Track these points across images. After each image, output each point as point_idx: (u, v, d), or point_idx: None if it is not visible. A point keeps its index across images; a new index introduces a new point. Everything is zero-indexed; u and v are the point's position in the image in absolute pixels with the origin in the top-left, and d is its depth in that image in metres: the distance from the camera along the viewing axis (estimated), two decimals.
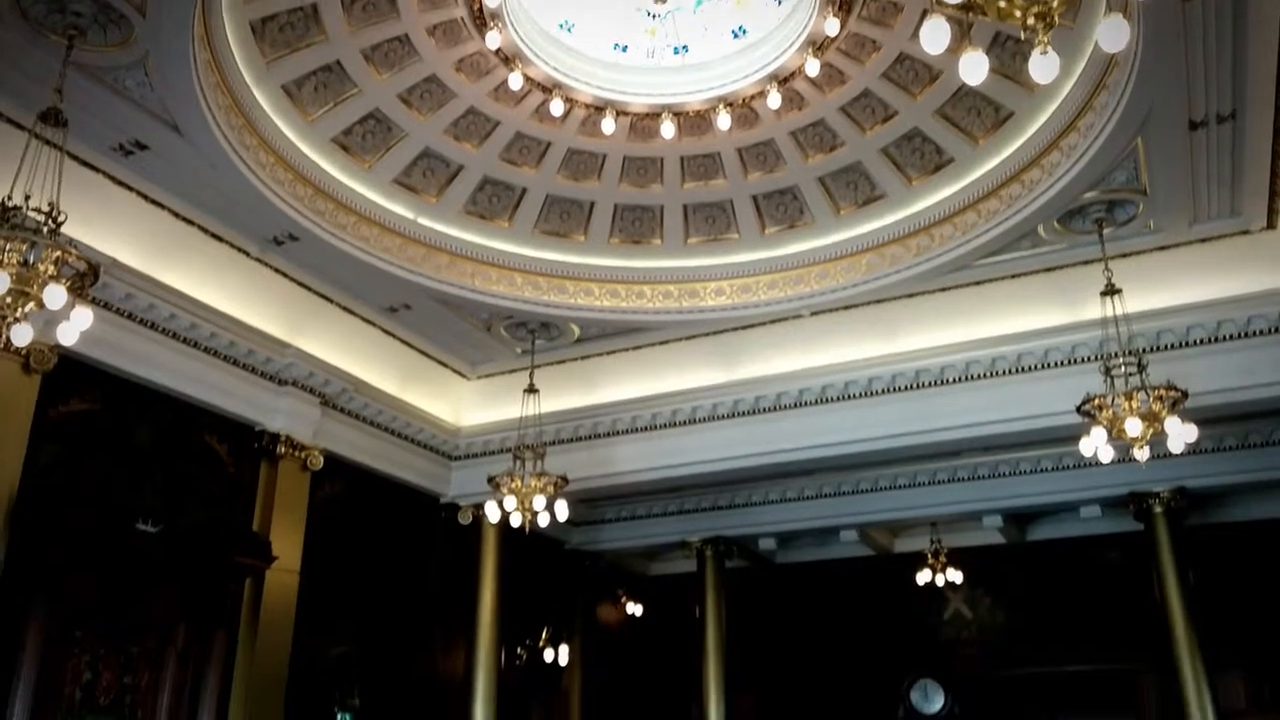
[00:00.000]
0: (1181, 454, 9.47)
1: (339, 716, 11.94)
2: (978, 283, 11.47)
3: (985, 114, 10.09)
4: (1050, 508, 15.28)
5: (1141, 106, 8.58)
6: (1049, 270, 11.17)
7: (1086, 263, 10.65)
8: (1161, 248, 10.64)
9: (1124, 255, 10.50)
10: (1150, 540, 13.54)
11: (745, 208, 11.70)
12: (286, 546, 11.20)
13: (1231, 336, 10.39)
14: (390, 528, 13.67)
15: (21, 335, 6.93)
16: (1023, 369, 11.27)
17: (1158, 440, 8.85)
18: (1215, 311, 10.38)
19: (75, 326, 7.25)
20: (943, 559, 15.55)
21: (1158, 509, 13.46)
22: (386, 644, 13.03)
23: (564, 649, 15.94)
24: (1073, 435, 9.49)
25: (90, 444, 9.67)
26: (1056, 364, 11.08)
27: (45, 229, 6.84)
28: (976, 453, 13.99)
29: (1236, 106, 8.44)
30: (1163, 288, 10.55)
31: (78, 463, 9.54)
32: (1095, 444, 8.91)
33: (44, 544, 8.61)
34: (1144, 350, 9.70)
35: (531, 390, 12.06)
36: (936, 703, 14.57)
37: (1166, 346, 10.48)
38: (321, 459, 11.99)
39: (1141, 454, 8.88)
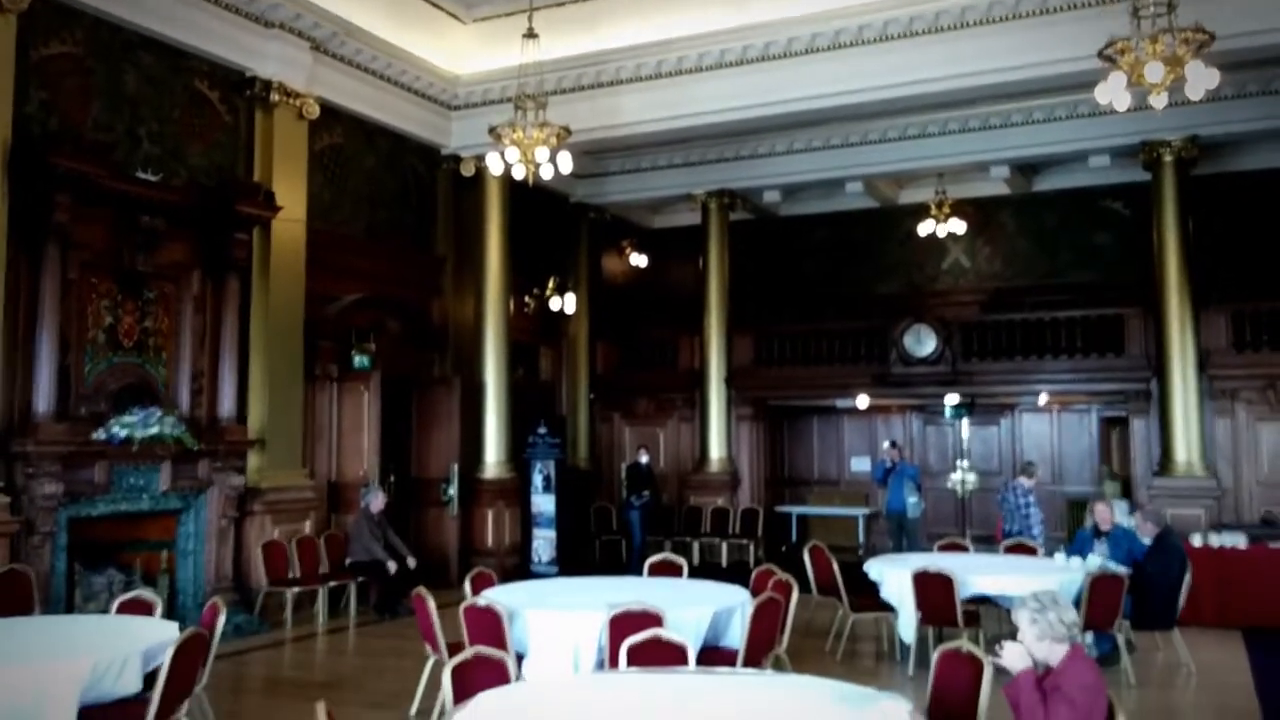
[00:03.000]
0: (1199, 101, 9.23)
1: (356, 360, 12.48)
2: None
3: None
4: (1059, 157, 15.19)
5: None
6: None
7: None
8: None
9: None
10: (1156, 189, 13.62)
11: None
12: (290, 196, 11.20)
13: None
14: (393, 180, 13.64)
15: None
16: (1046, 10, 10.76)
17: (1176, 86, 8.56)
18: None
19: None
20: (946, 210, 15.61)
21: (1168, 158, 13.45)
22: (397, 293, 13.38)
23: (570, 298, 16.41)
24: (1089, 82, 9.16)
25: (78, 89, 9.45)
26: (1079, 5, 10.56)
27: None
28: (989, 101, 13.67)
29: None
30: None
31: (69, 110, 9.36)
32: (1112, 91, 8.61)
33: (48, 191, 8.60)
34: None
35: (531, 35, 11.53)
36: (928, 346, 15.09)
37: None
38: (317, 108, 11.74)
39: (1159, 101, 8.61)
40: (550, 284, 16.29)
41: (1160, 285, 13.45)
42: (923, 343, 15.20)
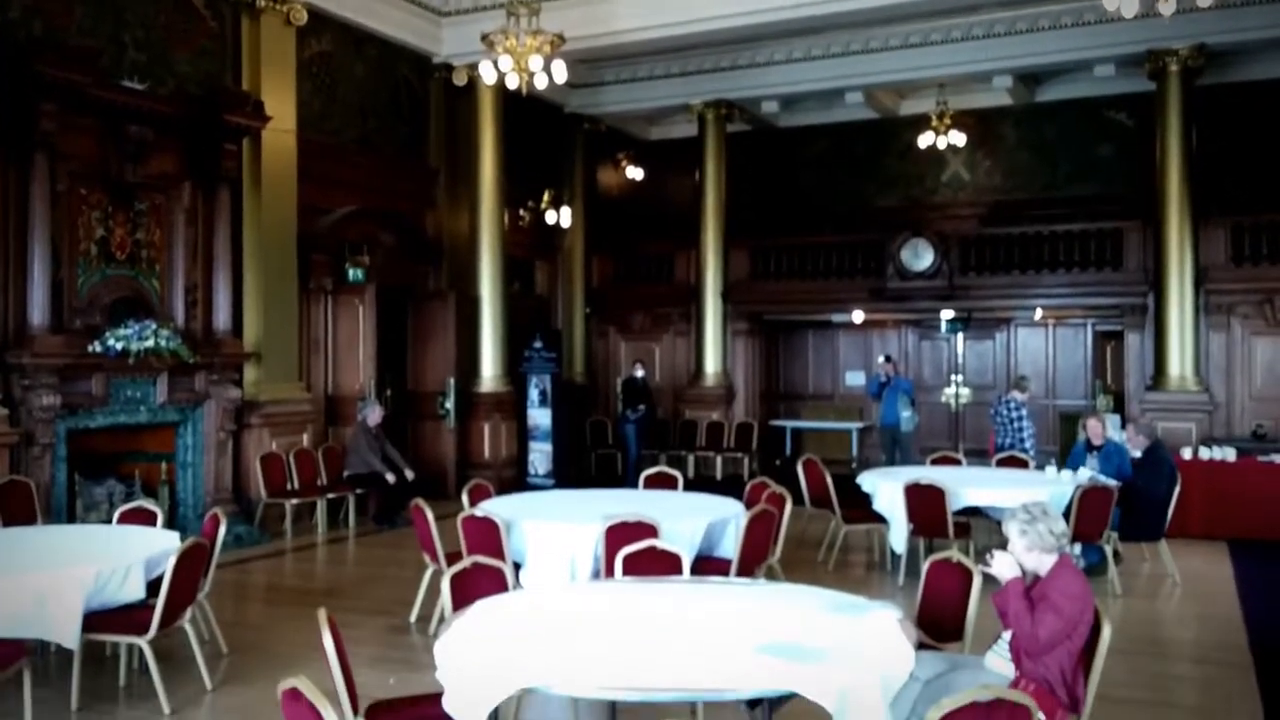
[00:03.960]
0: (1207, 7, 9.08)
1: (350, 273, 12.42)
2: None
3: None
4: (1063, 66, 14.93)
5: None
6: None
7: None
8: None
9: None
10: (1160, 100, 13.47)
11: None
12: (279, 106, 11.03)
13: None
14: (384, 89, 13.43)
15: None
16: None
17: None
18: None
19: None
20: (947, 121, 15.40)
21: (1174, 67, 13.26)
22: (391, 206, 13.27)
23: (565, 211, 16.29)
24: None
25: None
26: None
27: None
28: (992, 8, 13.43)
29: None
30: None
31: (53, 15, 9.16)
32: None
33: (34, 100, 8.45)
34: None
35: None
36: (925, 260, 15.04)
37: None
38: (305, 13, 11.48)
39: (1167, 7, 8.46)
40: (545, 197, 16.15)
41: (1161, 198, 13.38)
42: (920, 257, 15.14)
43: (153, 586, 5.67)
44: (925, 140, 15.57)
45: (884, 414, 13.93)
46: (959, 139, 15.54)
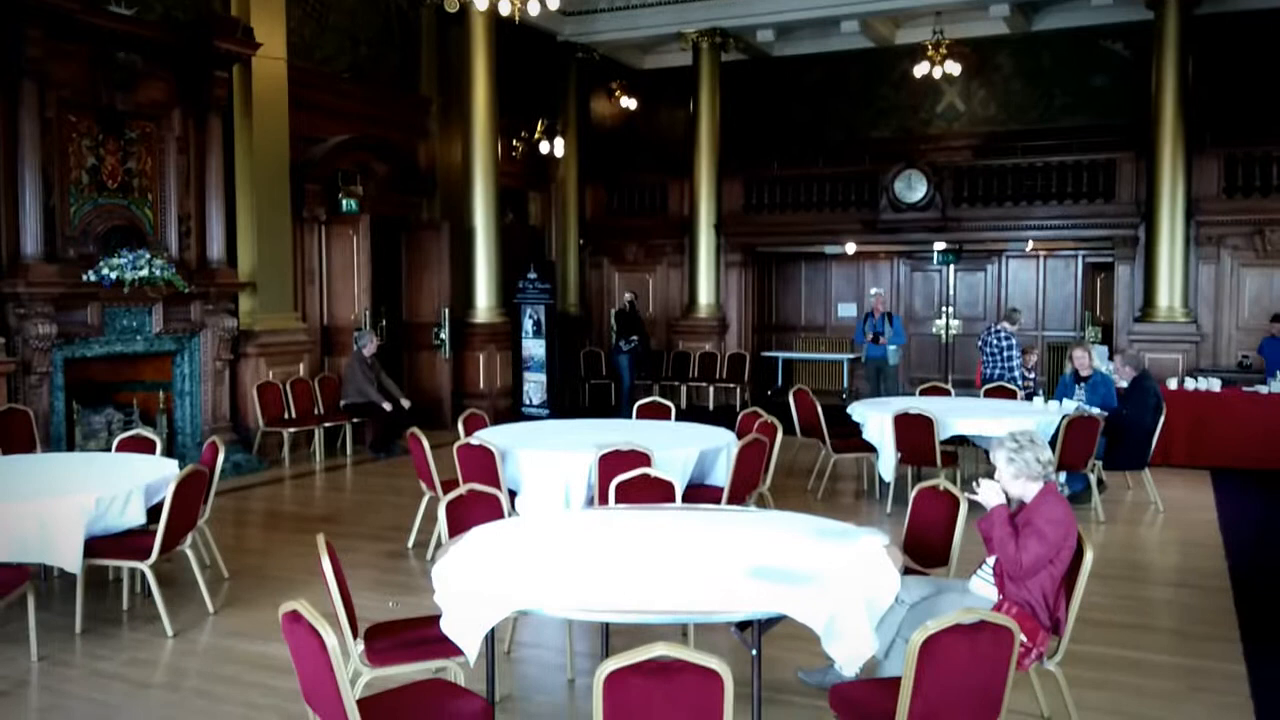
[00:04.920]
0: None
1: (344, 203, 12.36)
2: None
3: None
4: None
5: None
6: None
7: None
8: None
9: None
10: (1157, 29, 13.35)
11: None
12: (269, 33, 10.86)
13: None
14: (375, 16, 13.25)
15: None
16: None
17: None
18: None
19: None
20: (943, 50, 15.22)
21: None
22: (383, 135, 13.15)
23: (559, 142, 16.16)
24: None
25: None
26: None
27: None
28: None
29: None
30: None
31: None
32: None
33: (20, 25, 8.35)
34: None
35: None
36: (919, 192, 14.99)
37: None
38: None
39: None
40: (539, 127, 16.01)
41: (1155, 128, 13.32)
42: (913, 188, 15.10)
43: (153, 513, 5.77)
44: (921, 70, 15.41)
45: (869, 347, 13.88)
46: (954, 69, 15.39)
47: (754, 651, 3.59)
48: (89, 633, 5.65)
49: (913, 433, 8.37)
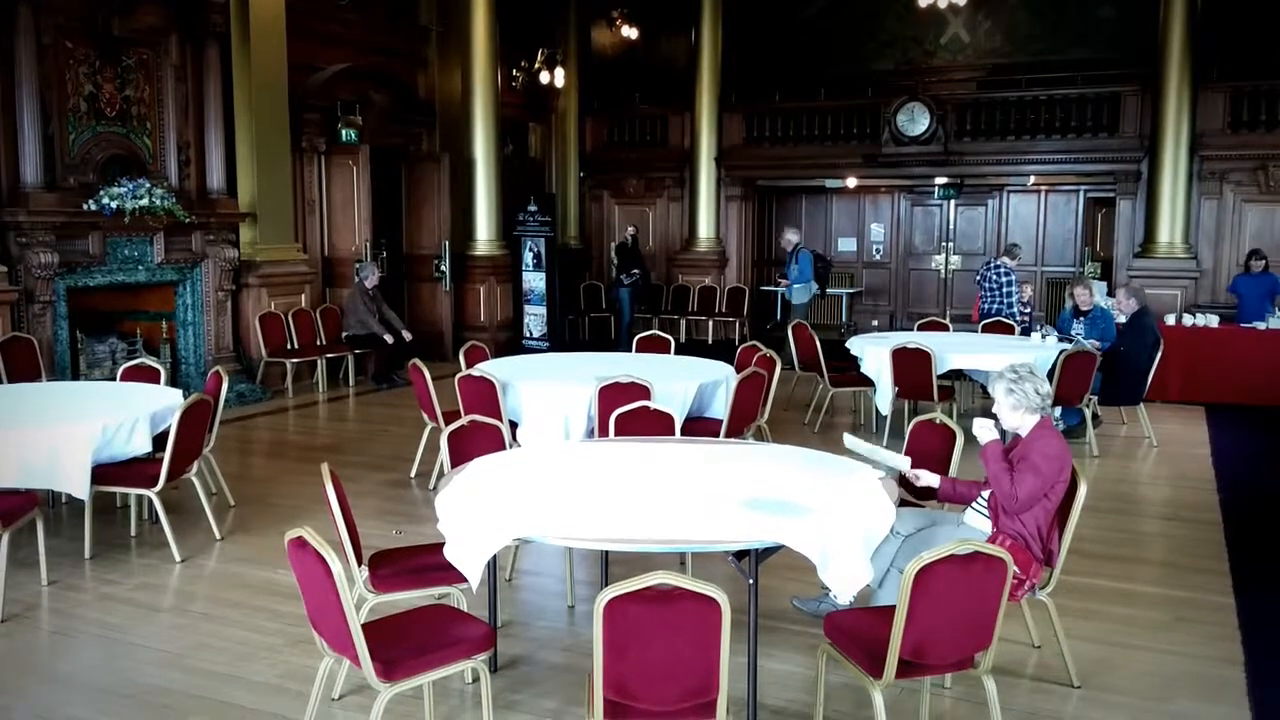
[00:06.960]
0: None
1: (343, 134, 12.28)
2: None
3: None
4: None
5: None
6: None
7: None
8: None
9: None
10: None
11: None
12: None
13: None
14: None
15: None
16: None
17: None
18: None
19: None
20: None
21: None
22: (382, 65, 13.00)
23: (559, 72, 15.98)
24: None
25: None
26: None
27: None
28: None
29: None
30: None
31: None
32: None
33: None
34: None
35: None
36: (921, 125, 14.86)
37: None
38: None
39: None
40: (539, 56, 15.81)
41: (1161, 61, 13.17)
42: (916, 121, 14.97)
43: (158, 442, 5.83)
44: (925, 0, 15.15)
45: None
46: None
47: (751, 581, 3.66)
48: (98, 558, 5.76)
49: (910, 367, 8.42)
